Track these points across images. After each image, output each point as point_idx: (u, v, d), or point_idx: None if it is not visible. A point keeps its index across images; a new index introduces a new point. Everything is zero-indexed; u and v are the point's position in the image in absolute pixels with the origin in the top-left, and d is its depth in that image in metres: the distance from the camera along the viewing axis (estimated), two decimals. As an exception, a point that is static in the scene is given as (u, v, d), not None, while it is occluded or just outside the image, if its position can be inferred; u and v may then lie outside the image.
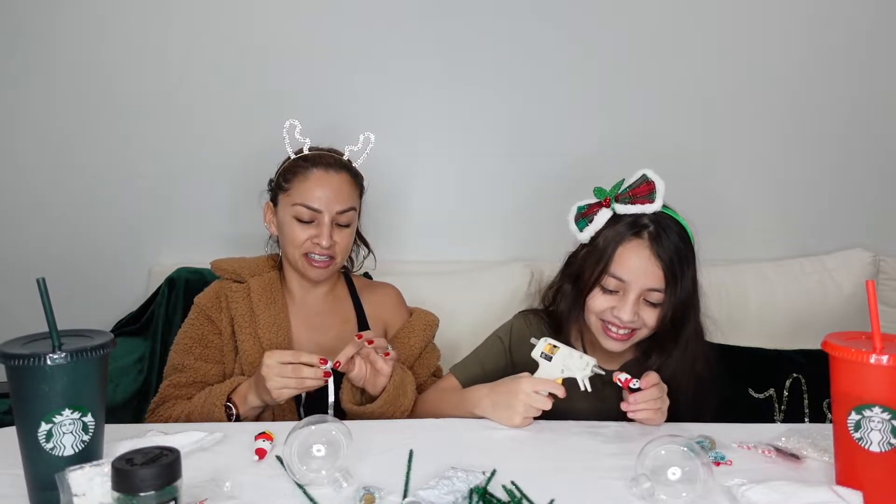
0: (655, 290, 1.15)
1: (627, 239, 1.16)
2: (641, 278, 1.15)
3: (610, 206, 1.20)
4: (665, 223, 1.17)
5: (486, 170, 2.01)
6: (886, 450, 0.84)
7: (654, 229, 1.16)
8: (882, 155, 2.05)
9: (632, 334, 1.19)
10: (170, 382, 1.32)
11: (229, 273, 1.40)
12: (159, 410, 1.30)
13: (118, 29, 1.90)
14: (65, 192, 1.95)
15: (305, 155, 1.36)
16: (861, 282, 1.91)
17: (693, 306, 1.21)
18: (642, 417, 1.12)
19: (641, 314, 1.16)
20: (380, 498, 0.86)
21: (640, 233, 1.16)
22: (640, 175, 1.20)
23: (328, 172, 1.33)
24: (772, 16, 1.98)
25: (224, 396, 1.21)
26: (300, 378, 1.13)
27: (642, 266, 1.14)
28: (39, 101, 1.91)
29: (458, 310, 1.81)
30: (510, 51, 1.96)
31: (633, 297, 1.15)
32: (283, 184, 1.35)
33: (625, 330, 1.18)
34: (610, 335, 1.19)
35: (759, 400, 1.59)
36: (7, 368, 0.82)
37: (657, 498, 0.86)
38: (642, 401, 1.10)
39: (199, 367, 1.33)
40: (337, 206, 1.32)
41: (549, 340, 1.18)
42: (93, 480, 0.76)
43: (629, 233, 1.16)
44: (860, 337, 0.91)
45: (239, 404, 1.21)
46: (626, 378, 1.12)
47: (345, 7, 1.92)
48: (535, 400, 1.11)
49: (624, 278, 1.15)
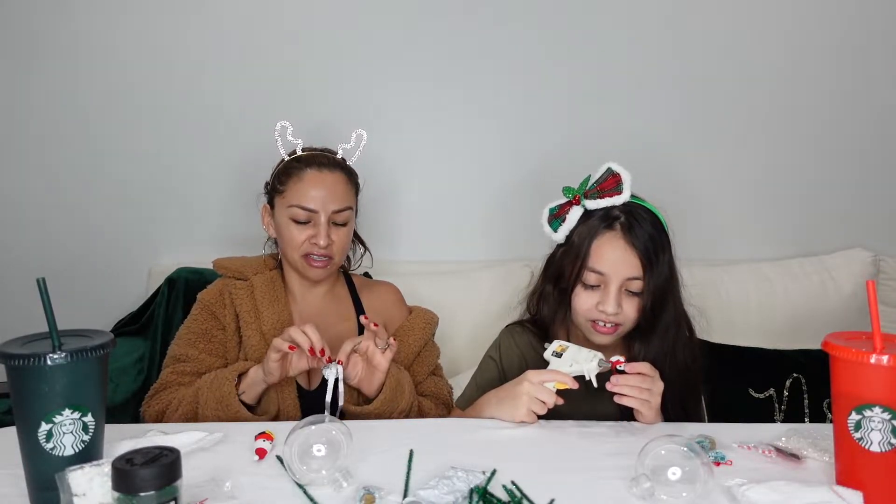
0: (635, 278, 1.17)
1: (601, 232, 1.18)
2: (620, 269, 1.17)
3: (580, 202, 1.23)
4: (636, 212, 1.19)
5: (485, 169, 2.01)
6: (887, 450, 0.84)
7: (626, 220, 1.18)
8: (882, 155, 2.05)
9: (617, 327, 1.21)
10: (172, 370, 1.32)
11: (232, 271, 1.40)
12: (159, 395, 1.31)
13: (119, 31, 1.90)
14: (65, 192, 1.95)
15: (299, 156, 1.37)
16: (861, 282, 1.91)
17: (671, 293, 1.22)
18: (627, 403, 1.11)
19: (623, 305, 1.18)
20: (380, 498, 0.86)
21: (612, 224, 1.19)
22: (606, 169, 1.23)
23: (322, 172, 1.34)
24: (771, 11, 1.98)
25: (235, 373, 1.23)
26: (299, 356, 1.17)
27: (619, 256, 1.17)
28: (39, 101, 1.91)
29: (457, 310, 1.81)
30: (508, 49, 1.96)
31: (615, 288, 1.17)
32: (278, 186, 1.36)
33: (611, 323, 1.19)
34: (598, 329, 1.21)
35: (759, 400, 1.59)
36: (7, 368, 0.82)
37: (657, 498, 0.86)
38: (623, 384, 1.09)
39: (203, 358, 1.33)
40: (332, 205, 1.32)
41: (560, 342, 1.19)
42: (93, 480, 0.76)
43: (602, 226, 1.19)
44: (860, 337, 0.91)
45: (243, 381, 1.23)
46: (616, 359, 1.13)
47: (347, 7, 1.92)
48: (540, 391, 1.11)
49: (602, 271, 1.17)
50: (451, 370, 1.68)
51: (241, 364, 1.27)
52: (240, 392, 1.22)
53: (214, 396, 1.20)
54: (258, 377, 1.21)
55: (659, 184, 1.49)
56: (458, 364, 1.80)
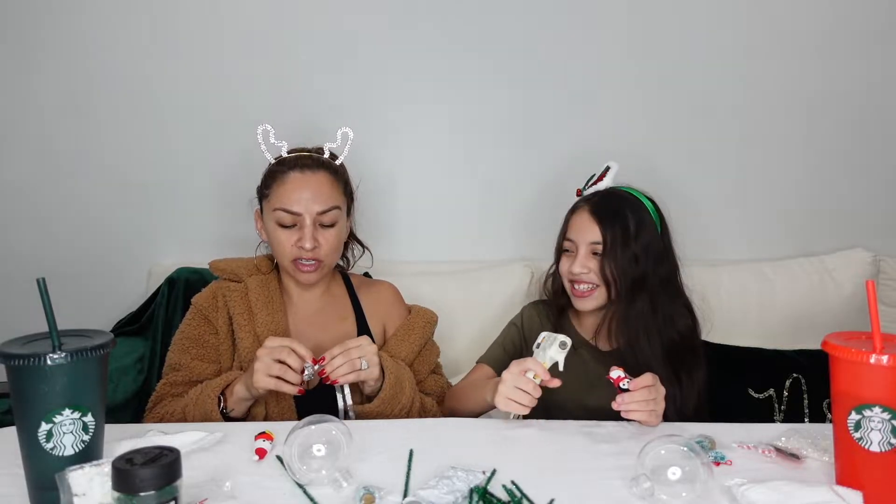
0: (596, 242, 1.35)
1: (577, 208, 1.42)
2: (584, 235, 1.37)
3: (581, 194, 1.47)
4: (612, 194, 1.40)
5: (486, 169, 2.01)
6: (886, 450, 0.84)
7: (597, 198, 1.40)
8: (882, 155, 2.05)
9: (592, 291, 1.36)
10: (166, 381, 1.32)
11: (227, 273, 1.40)
12: (155, 409, 1.31)
13: (116, 32, 1.90)
14: (65, 192, 1.95)
15: (283, 159, 1.35)
16: (861, 282, 1.91)
17: (646, 275, 1.34)
18: (635, 418, 1.13)
19: (590, 265, 1.36)
20: (380, 498, 0.86)
21: (586, 201, 1.41)
22: (605, 167, 1.45)
23: (304, 173, 1.32)
24: (771, 11, 1.98)
25: (218, 389, 1.21)
26: (280, 378, 1.12)
27: (584, 225, 1.37)
28: (39, 102, 1.91)
29: (457, 309, 1.81)
30: (511, 48, 1.96)
31: (582, 252, 1.36)
32: (265, 190, 1.36)
33: (583, 285, 1.37)
34: (576, 294, 1.39)
35: (759, 400, 1.58)
36: (7, 368, 0.82)
37: (657, 498, 0.86)
38: (631, 401, 1.11)
39: (195, 366, 1.33)
40: (316, 206, 1.30)
41: (544, 333, 1.22)
42: (93, 480, 0.76)
43: (578, 203, 1.43)
44: (860, 337, 0.91)
45: (228, 396, 1.21)
46: (618, 376, 1.13)
47: (347, 7, 1.92)
48: (519, 380, 1.13)
49: (571, 238, 1.40)
50: (452, 370, 1.68)
51: (225, 378, 1.24)
52: (229, 410, 1.21)
53: (200, 413, 1.20)
54: (244, 395, 1.19)
55: (659, 184, 1.50)
56: (458, 364, 1.80)
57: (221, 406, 1.21)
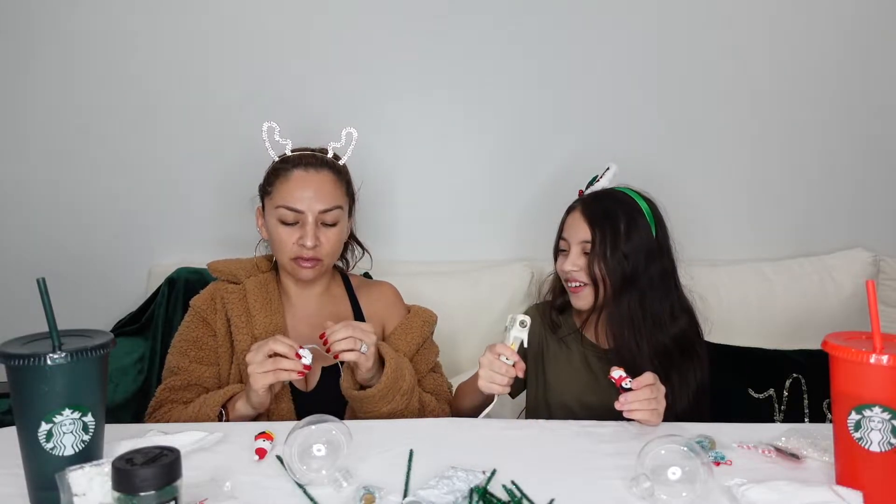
0: (586, 241, 1.37)
1: (572, 208, 1.44)
2: (575, 234, 1.39)
3: (582, 195, 1.49)
4: (605, 194, 1.42)
5: (486, 170, 2.01)
6: (886, 450, 0.84)
7: (590, 198, 1.43)
8: (882, 154, 2.05)
9: (581, 289, 1.39)
10: (165, 386, 1.32)
11: (225, 274, 1.40)
12: (156, 415, 1.30)
13: (117, 32, 1.90)
14: (65, 192, 1.95)
15: (287, 157, 1.36)
16: (861, 282, 1.91)
17: (637, 275, 1.35)
18: (638, 417, 1.13)
19: (578, 262, 1.38)
20: (380, 498, 0.86)
21: (580, 201, 1.44)
22: (606, 168, 1.47)
23: (308, 172, 1.32)
24: (770, 10, 1.98)
25: (218, 405, 1.21)
26: (275, 370, 1.13)
27: (576, 224, 1.40)
28: (38, 102, 1.91)
29: (457, 310, 1.81)
30: (511, 50, 1.96)
31: (574, 250, 1.39)
32: (267, 187, 1.36)
33: (575, 283, 1.39)
34: (570, 290, 1.42)
35: (759, 400, 1.59)
36: (7, 368, 0.82)
37: (657, 498, 0.86)
38: (634, 401, 1.11)
39: (193, 369, 1.32)
40: (319, 205, 1.31)
41: (510, 316, 1.25)
42: (93, 480, 0.76)
43: (574, 203, 1.45)
44: (860, 337, 0.91)
45: (230, 410, 1.22)
46: (619, 376, 1.14)
47: (347, 8, 1.92)
48: (493, 364, 1.17)
49: (565, 236, 1.43)
50: (452, 370, 1.68)
51: (225, 393, 1.24)
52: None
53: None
54: (246, 411, 1.20)
55: (660, 184, 1.50)
56: (458, 364, 1.80)
57: (225, 421, 1.20)
